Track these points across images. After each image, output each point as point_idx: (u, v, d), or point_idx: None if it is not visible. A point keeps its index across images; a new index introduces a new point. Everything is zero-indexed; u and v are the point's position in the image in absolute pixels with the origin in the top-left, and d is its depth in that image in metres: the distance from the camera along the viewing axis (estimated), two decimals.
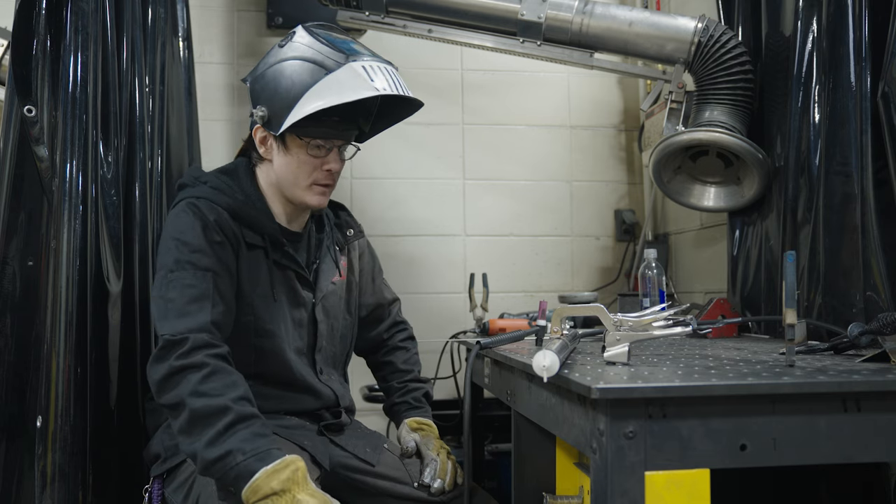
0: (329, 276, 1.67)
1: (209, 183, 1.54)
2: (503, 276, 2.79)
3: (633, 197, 2.92)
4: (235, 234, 1.51)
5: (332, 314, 1.67)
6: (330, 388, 1.63)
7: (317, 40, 1.51)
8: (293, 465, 1.28)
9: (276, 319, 1.54)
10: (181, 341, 1.34)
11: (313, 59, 1.48)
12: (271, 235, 1.55)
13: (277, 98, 1.49)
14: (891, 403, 0.99)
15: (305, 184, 1.56)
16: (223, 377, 1.34)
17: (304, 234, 1.66)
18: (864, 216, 1.54)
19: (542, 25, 2.14)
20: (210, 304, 1.41)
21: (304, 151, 1.54)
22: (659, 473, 0.94)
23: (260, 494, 1.24)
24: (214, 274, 1.45)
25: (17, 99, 1.58)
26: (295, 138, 1.53)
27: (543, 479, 1.44)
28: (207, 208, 1.48)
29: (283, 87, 1.48)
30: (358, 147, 1.66)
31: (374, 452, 1.61)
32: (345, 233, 1.76)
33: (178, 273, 1.43)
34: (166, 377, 1.33)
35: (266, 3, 2.72)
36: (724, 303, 1.88)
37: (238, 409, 1.30)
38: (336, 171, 1.58)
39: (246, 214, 1.52)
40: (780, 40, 1.87)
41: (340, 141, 1.57)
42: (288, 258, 1.58)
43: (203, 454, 1.27)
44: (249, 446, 1.26)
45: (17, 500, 1.54)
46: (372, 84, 1.46)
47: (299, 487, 1.26)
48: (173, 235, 1.47)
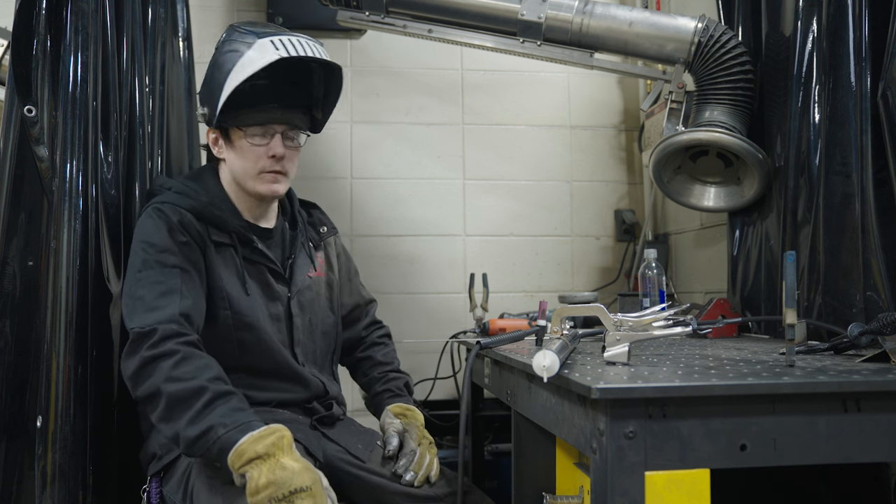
0: (304, 271, 1.69)
1: (173, 188, 1.59)
2: (503, 276, 2.79)
3: (633, 197, 2.92)
4: (201, 234, 1.54)
5: (308, 309, 1.68)
6: (317, 378, 1.64)
7: (238, 32, 1.56)
8: (278, 432, 1.30)
9: (254, 312, 1.56)
10: (150, 332, 1.37)
11: (233, 48, 1.54)
12: (238, 232, 1.58)
13: (211, 94, 1.55)
14: (891, 403, 0.99)
15: (254, 172, 1.59)
16: (195, 361, 1.36)
17: (276, 230, 1.69)
18: (864, 216, 1.54)
19: (542, 25, 2.15)
20: (178, 298, 1.44)
21: (246, 141, 1.57)
22: (659, 473, 0.94)
23: (245, 458, 1.25)
24: (182, 271, 1.48)
25: (17, 99, 1.58)
26: (236, 129, 1.58)
27: (543, 479, 1.44)
28: (171, 211, 1.52)
29: (214, 81, 1.55)
30: (308, 133, 1.68)
31: (366, 449, 1.61)
32: (318, 230, 1.78)
33: (146, 272, 1.46)
34: (139, 369, 1.35)
35: (266, 3, 2.72)
36: (724, 303, 1.88)
37: (214, 387, 1.32)
38: (282, 157, 1.59)
39: (210, 214, 1.55)
40: (780, 40, 1.88)
41: (281, 126, 1.59)
42: (257, 254, 1.61)
43: (184, 433, 1.29)
44: (230, 420, 1.29)
45: (17, 500, 1.54)
46: (277, 52, 1.50)
47: (283, 453, 1.28)
48: (140, 239, 1.51)
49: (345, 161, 2.76)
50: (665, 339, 1.66)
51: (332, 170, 2.73)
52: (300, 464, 1.28)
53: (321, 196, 2.45)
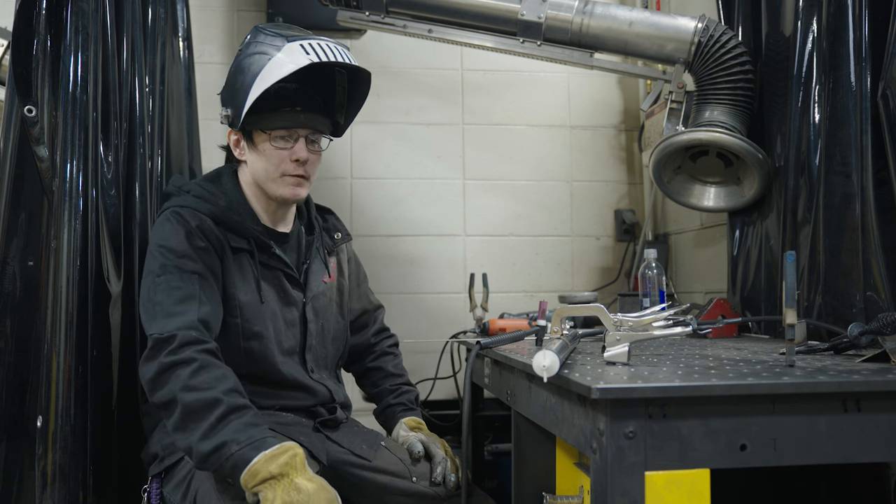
0: (319, 277, 1.69)
1: (192, 192, 1.58)
2: (503, 276, 2.79)
3: (633, 197, 2.92)
4: (219, 240, 1.53)
5: (322, 315, 1.69)
6: (323, 385, 1.64)
7: (265, 34, 1.56)
8: (291, 450, 1.30)
9: (263, 321, 1.56)
10: (169, 339, 1.37)
11: (260, 50, 1.53)
12: (256, 238, 1.57)
13: (237, 95, 1.54)
14: (891, 403, 0.99)
15: (276, 176, 1.58)
16: (212, 371, 1.36)
17: (292, 235, 1.68)
18: (864, 216, 1.54)
19: (542, 25, 2.15)
20: (197, 304, 1.44)
21: (270, 144, 1.57)
22: (659, 473, 0.94)
23: (259, 478, 1.26)
24: (200, 277, 1.48)
25: (17, 99, 1.58)
26: (260, 132, 1.57)
27: (543, 479, 1.44)
28: (190, 216, 1.52)
29: (239, 83, 1.54)
30: (330, 138, 1.68)
31: (371, 449, 1.62)
32: (332, 236, 1.78)
33: (165, 277, 1.46)
34: (157, 375, 1.35)
35: (266, 3, 2.72)
36: (724, 303, 1.88)
37: (229, 400, 1.32)
38: (305, 161, 1.59)
39: (228, 219, 1.55)
40: (780, 40, 1.87)
41: (305, 130, 1.59)
42: (275, 259, 1.60)
43: (198, 447, 1.29)
44: (244, 436, 1.29)
45: (17, 500, 1.54)
46: (307, 56, 1.50)
47: (297, 472, 1.28)
48: (158, 243, 1.50)
49: (345, 161, 2.76)
50: (665, 339, 1.66)
51: (332, 170, 2.73)
52: (314, 483, 1.28)
53: (321, 196, 2.45)
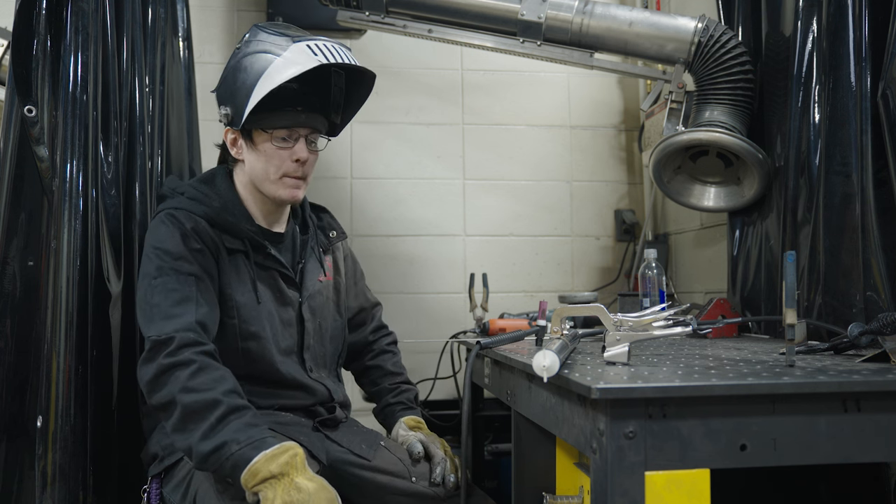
0: (315, 276, 1.69)
1: (186, 193, 1.57)
2: (503, 276, 2.79)
3: (633, 197, 2.92)
4: (214, 241, 1.53)
5: (318, 313, 1.68)
6: (322, 384, 1.64)
7: (266, 33, 1.55)
8: (291, 450, 1.30)
9: (260, 321, 1.56)
10: (167, 341, 1.37)
11: (263, 49, 1.52)
12: (250, 238, 1.57)
13: (237, 93, 1.53)
14: (891, 403, 0.99)
15: (276, 176, 1.58)
16: (211, 372, 1.36)
17: (286, 234, 1.68)
18: (864, 216, 1.54)
19: (542, 25, 2.15)
20: (194, 306, 1.44)
21: (270, 143, 1.56)
22: (659, 473, 0.94)
23: (259, 478, 1.26)
24: (197, 279, 1.47)
25: (17, 99, 1.58)
26: (260, 132, 1.56)
27: (543, 479, 1.44)
28: (185, 218, 1.51)
29: (240, 81, 1.52)
30: (328, 138, 1.68)
31: (370, 449, 1.62)
32: (328, 234, 1.78)
33: (161, 279, 1.45)
34: (155, 376, 1.35)
35: (266, 3, 2.72)
36: (724, 303, 1.88)
37: (229, 401, 1.32)
38: (305, 162, 1.59)
39: (223, 220, 1.54)
40: (780, 40, 1.87)
41: (306, 130, 1.58)
42: (270, 259, 1.60)
43: (198, 448, 1.29)
44: (244, 436, 1.29)
45: (17, 500, 1.54)
46: (315, 57, 1.49)
47: (297, 472, 1.28)
48: (154, 245, 1.50)
49: (345, 161, 2.76)
50: (665, 339, 1.66)
51: (332, 170, 2.73)
52: (315, 483, 1.28)
53: (321, 196, 2.45)
